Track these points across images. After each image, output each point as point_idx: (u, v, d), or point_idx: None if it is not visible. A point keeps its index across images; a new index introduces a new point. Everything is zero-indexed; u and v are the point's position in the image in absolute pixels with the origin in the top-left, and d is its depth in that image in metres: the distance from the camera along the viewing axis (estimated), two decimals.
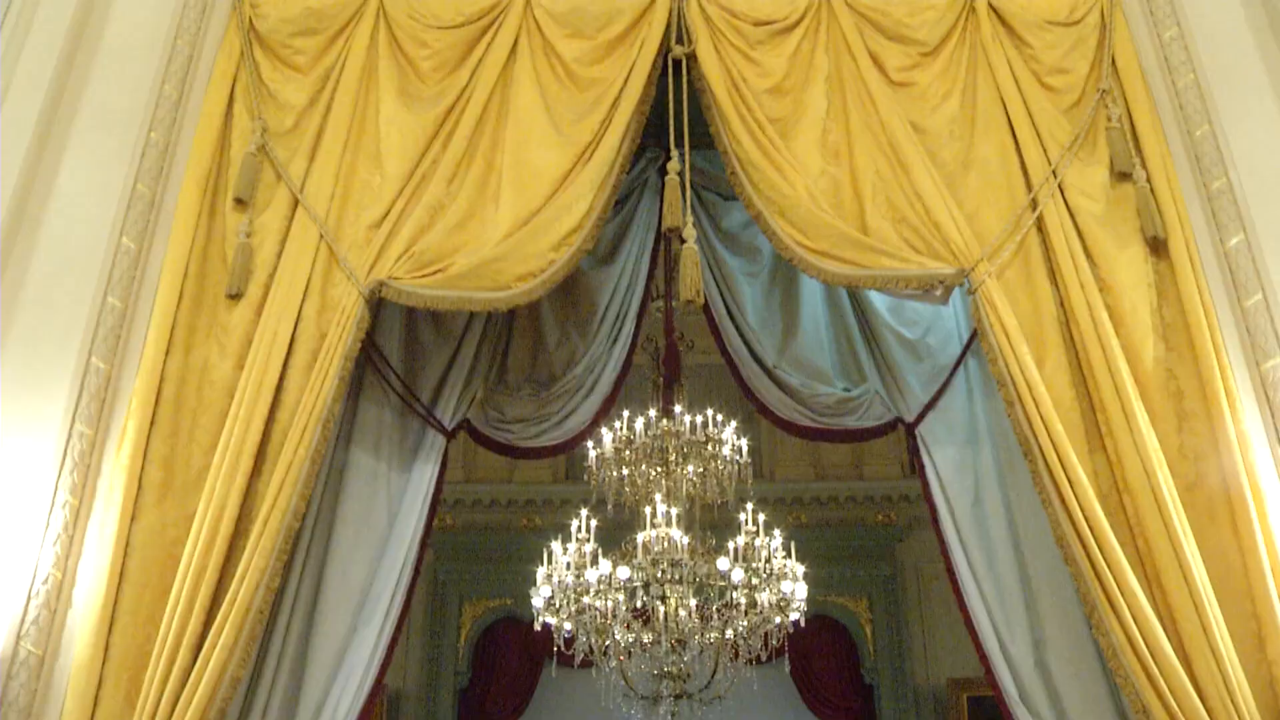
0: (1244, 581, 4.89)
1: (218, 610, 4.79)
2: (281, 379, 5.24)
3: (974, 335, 6.02)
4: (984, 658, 5.62)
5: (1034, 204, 5.63)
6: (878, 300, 6.57)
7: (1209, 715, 4.58)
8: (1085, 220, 5.61)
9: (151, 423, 5.20)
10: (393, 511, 5.97)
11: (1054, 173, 5.69)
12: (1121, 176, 5.72)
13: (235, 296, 5.50)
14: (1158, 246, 5.57)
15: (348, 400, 6.02)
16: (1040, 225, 5.61)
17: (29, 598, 4.83)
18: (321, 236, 5.59)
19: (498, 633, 12.43)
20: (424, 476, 6.11)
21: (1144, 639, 4.70)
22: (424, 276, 5.51)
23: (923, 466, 6.15)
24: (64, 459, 5.06)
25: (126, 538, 4.96)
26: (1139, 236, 5.59)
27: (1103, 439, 5.15)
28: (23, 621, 4.79)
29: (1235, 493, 5.00)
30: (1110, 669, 5.12)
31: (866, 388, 6.57)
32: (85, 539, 5.03)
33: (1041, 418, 5.08)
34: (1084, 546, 4.87)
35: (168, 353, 5.34)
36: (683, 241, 5.64)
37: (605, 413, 6.61)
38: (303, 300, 5.41)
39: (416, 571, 6.02)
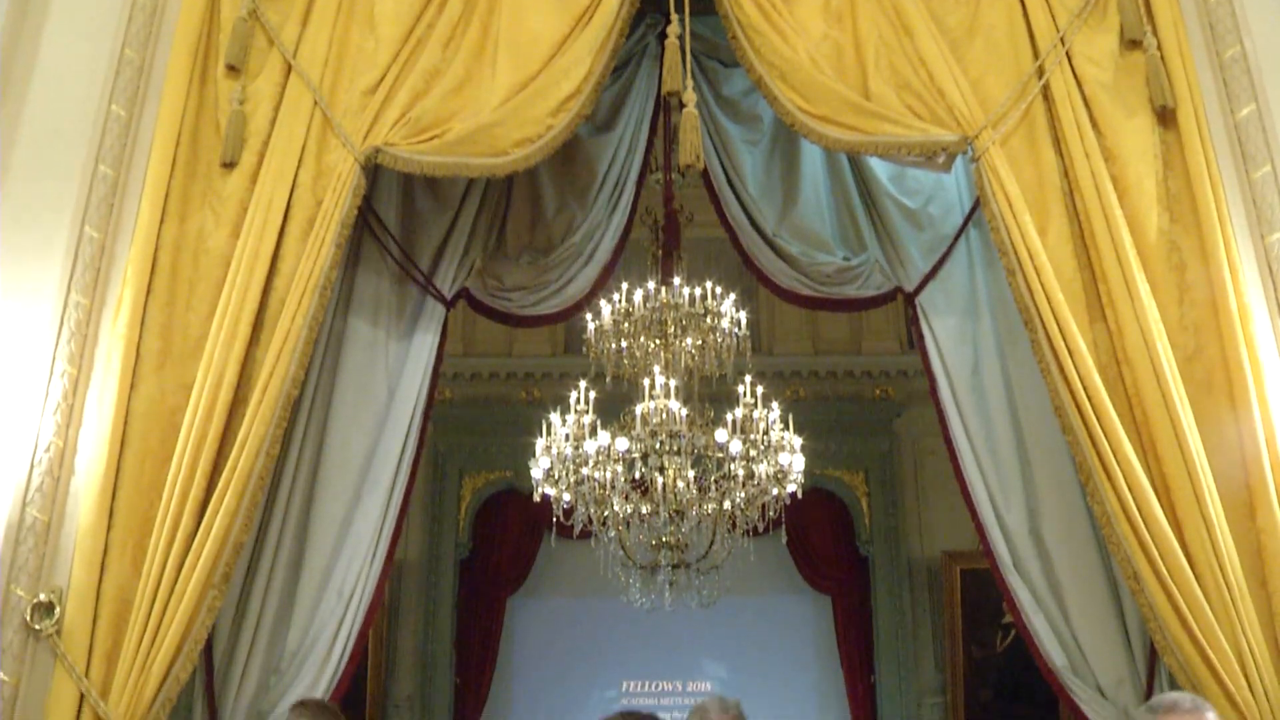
0: (1238, 452, 4.92)
1: (219, 477, 4.84)
2: (278, 247, 5.20)
3: (975, 205, 5.95)
4: (979, 526, 5.69)
5: (1040, 71, 5.50)
6: (879, 169, 6.48)
7: (1197, 580, 4.66)
8: (1092, 89, 5.48)
9: (148, 291, 5.17)
10: (392, 380, 5.99)
11: (1062, 40, 5.54)
12: (1131, 44, 5.57)
13: (229, 165, 5.43)
14: (1166, 116, 5.44)
15: (346, 270, 5.99)
16: (1046, 93, 5.48)
17: (32, 466, 4.88)
18: (316, 103, 5.48)
19: (498, 505, 12.56)
20: (424, 346, 6.11)
21: (1138, 506, 4.75)
22: (420, 142, 5.42)
23: (922, 337, 6.14)
24: (60, 328, 5.06)
25: (126, 406, 4.98)
26: (1147, 106, 5.47)
27: (1103, 310, 5.12)
28: (27, 488, 4.85)
29: (1234, 364, 4.99)
30: (1102, 538, 5.20)
31: (867, 257, 6.51)
32: (85, 408, 5.05)
33: (1043, 287, 5.05)
34: (1082, 415, 4.89)
35: (162, 221, 5.29)
36: (682, 106, 5.55)
37: (604, 281, 6.58)
38: (298, 167, 5.34)
39: (421, 442, 6.06)
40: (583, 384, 8.17)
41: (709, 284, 8.40)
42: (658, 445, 7.91)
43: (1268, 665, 4.65)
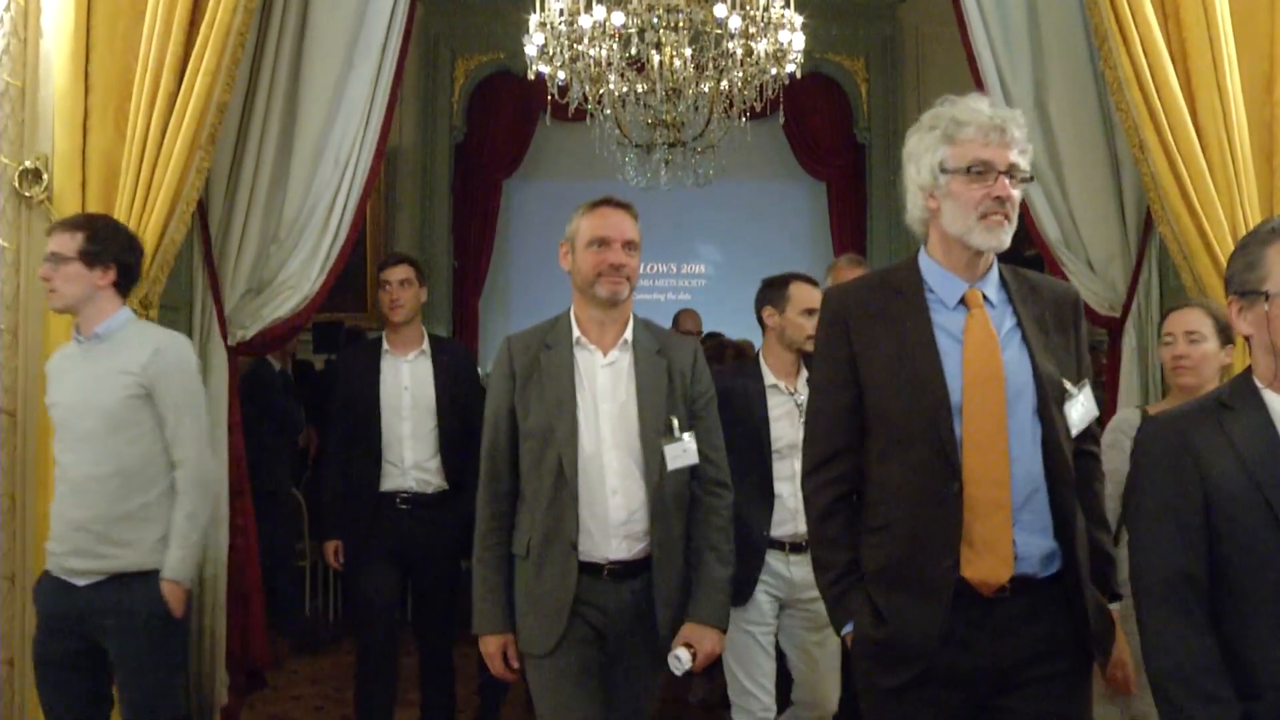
0: (1268, 23, 4.67)
1: (196, 34, 4.59)
2: None
3: None
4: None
5: None
6: None
7: (1203, 150, 4.56)
8: None
9: None
10: None
11: None
12: None
13: None
14: None
15: None
16: None
17: None
18: None
19: (491, 87, 12.35)
20: None
21: (1151, 72, 4.56)
22: None
23: None
24: None
25: None
26: None
27: None
28: None
29: None
30: (1108, 110, 5.07)
31: None
32: None
33: None
34: None
35: None
36: None
37: None
38: None
39: (411, 14, 5.74)
40: None
41: None
42: (654, 21, 7.64)
43: None
